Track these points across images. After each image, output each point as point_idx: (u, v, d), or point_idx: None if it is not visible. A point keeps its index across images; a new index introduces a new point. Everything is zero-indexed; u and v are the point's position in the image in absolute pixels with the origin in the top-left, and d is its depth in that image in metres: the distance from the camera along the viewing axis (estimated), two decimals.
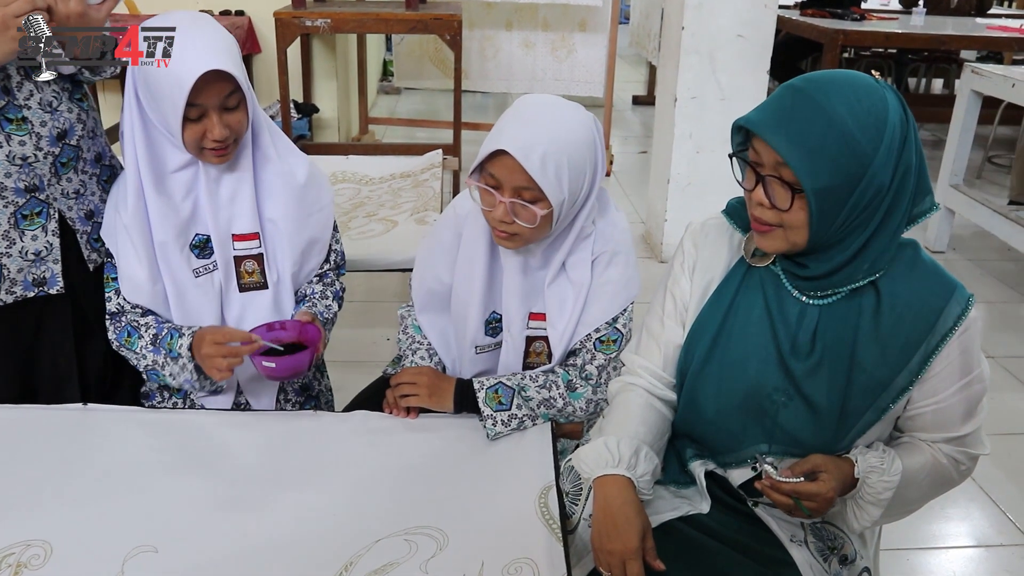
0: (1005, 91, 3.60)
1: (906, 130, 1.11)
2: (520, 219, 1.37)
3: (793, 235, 1.15)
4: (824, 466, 1.20)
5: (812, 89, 1.10)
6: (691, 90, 3.54)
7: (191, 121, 1.43)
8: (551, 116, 1.36)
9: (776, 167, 1.11)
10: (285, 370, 1.47)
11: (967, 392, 1.22)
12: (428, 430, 1.49)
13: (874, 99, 1.09)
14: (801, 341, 1.22)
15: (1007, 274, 3.94)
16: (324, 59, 4.81)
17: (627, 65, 8.85)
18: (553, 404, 1.49)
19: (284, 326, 1.56)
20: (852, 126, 1.07)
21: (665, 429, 1.35)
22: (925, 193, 1.16)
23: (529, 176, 1.32)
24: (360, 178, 3.15)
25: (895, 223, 1.14)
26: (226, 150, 1.49)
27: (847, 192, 1.09)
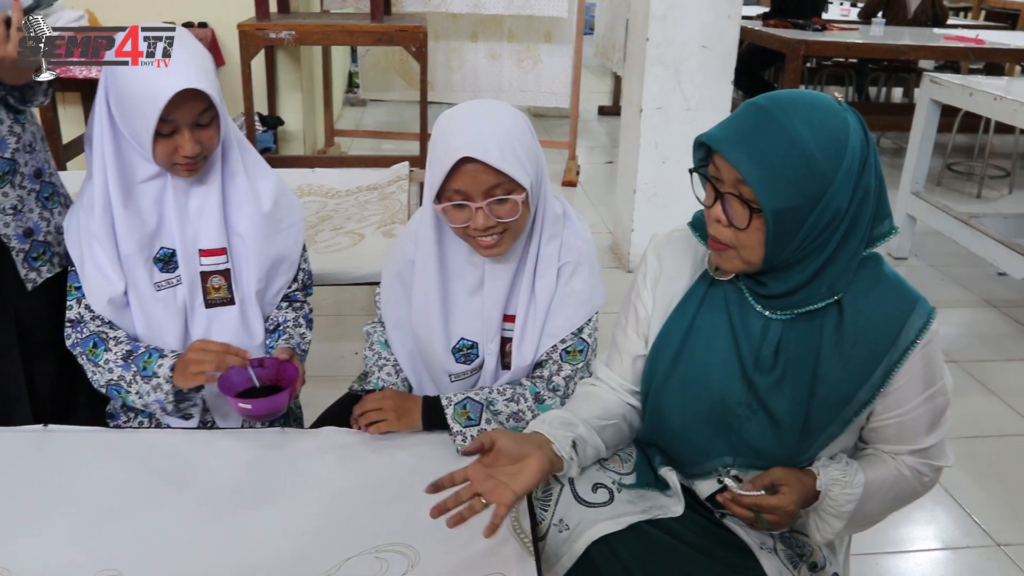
0: (963, 100, 3.66)
1: (866, 153, 1.12)
2: (502, 216, 1.36)
3: (748, 254, 1.15)
4: (785, 479, 1.22)
5: (775, 108, 1.10)
6: (656, 101, 3.57)
7: (162, 136, 1.42)
8: (483, 113, 1.38)
9: (736, 185, 1.12)
10: (262, 411, 1.45)
11: (930, 404, 1.23)
12: (397, 446, 1.47)
13: (836, 122, 1.10)
14: (764, 355, 1.23)
15: (968, 279, 4.00)
16: (289, 71, 4.78)
17: (592, 76, 8.90)
18: (522, 417, 1.49)
19: (263, 363, 1.53)
20: (813, 148, 1.07)
21: (611, 415, 1.36)
22: (884, 216, 1.17)
23: (495, 171, 1.32)
24: (326, 191, 3.12)
25: (853, 246, 1.14)
26: (196, 165, 1.47)
27: (805, 213, 1.09)
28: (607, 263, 3.95)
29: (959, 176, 5.81)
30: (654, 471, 1.36)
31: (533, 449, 1.19)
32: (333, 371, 2.73)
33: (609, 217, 4.50)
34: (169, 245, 1.54)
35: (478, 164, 1.32)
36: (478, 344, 1.54)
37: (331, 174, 3.27)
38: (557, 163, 5.46)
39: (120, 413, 1.65)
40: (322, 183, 3.18)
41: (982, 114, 3.88)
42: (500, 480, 1.15)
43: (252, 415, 1.46)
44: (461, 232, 1.41)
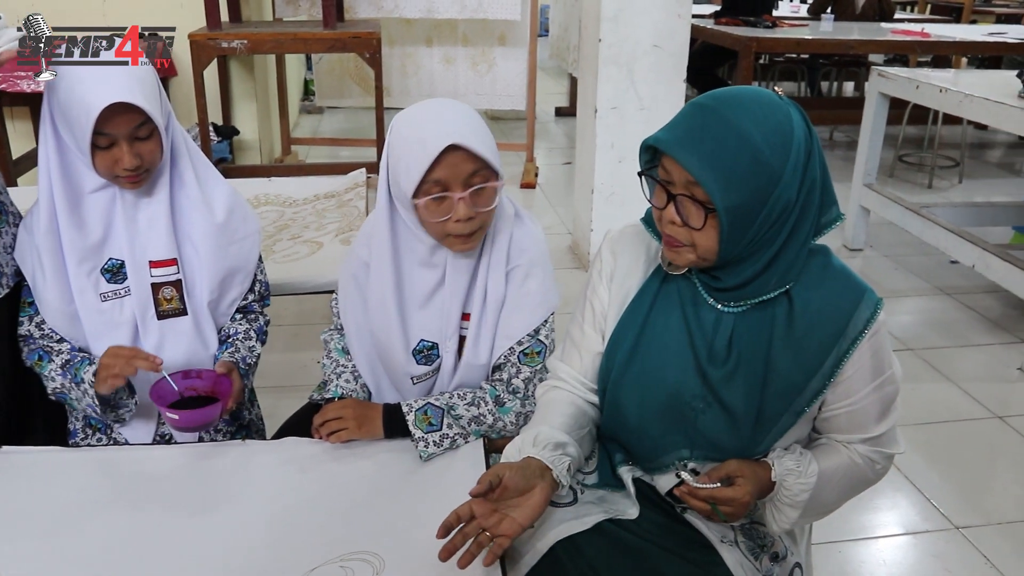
0: (910, 92, 3.73)
1: (810, 145, 1.14)
2: (481, 206, 1.38)
3: (703, 251, 1.17)
4: (740, 471, 1.23)
5: (721, 107, 1.11)
6: (611, 101, 3.59)
7: (101, 149, 1.41)
8: (447, 107, 1.40)
9: (688, 186, 1.13)
10: (190, 423, 1.44)
11: (880, 393, 1.25)
12: (359, 454, 1.47)
13: (780, 117, 1.12)
14: (717, 348, 1.24)
15: (922, 268, 4.08)
16: (243, 80, 4.74)
17: (548, 77, 8.93)
18: (483, 420, 1.50)
19: (200, 375, 1.52)
20: (761, 144, 1.09)
21: (585, 422, 1.37)
22: (831, 204, 1.20)
23: (475, 158, 1.34)
24: (283, 200, 3.11)
25: (803, 236, 1.17)
26: (138, 178, 1.46)
27: (757, 208, 1.11)
28: (567, 263, 3.97)
29: (911, 167, 5.92)
30: (613, 469, 1.37)
31: (537, 480, 1.19)
32: (295, 381, 2.71)
33: (568, 217, 4.52)
34: (118, 256, 1.53)
35: (459, 153, 1.33)
36: (438, 344, 1.54)
37: (288, 183, 3.25)
38: (515, 165, 5.47)
39: (77, 431, 1.63)
40: (279, 192, 3.16)
41: (929, 106, 3.96)
42: (505, 513, 1.16)
43: (180, 426, 1.45)
44: (439, 229, 1.40)
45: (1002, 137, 6.97)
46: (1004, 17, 8.75)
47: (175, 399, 1.48)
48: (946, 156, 5.99)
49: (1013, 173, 5.98)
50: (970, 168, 5.85)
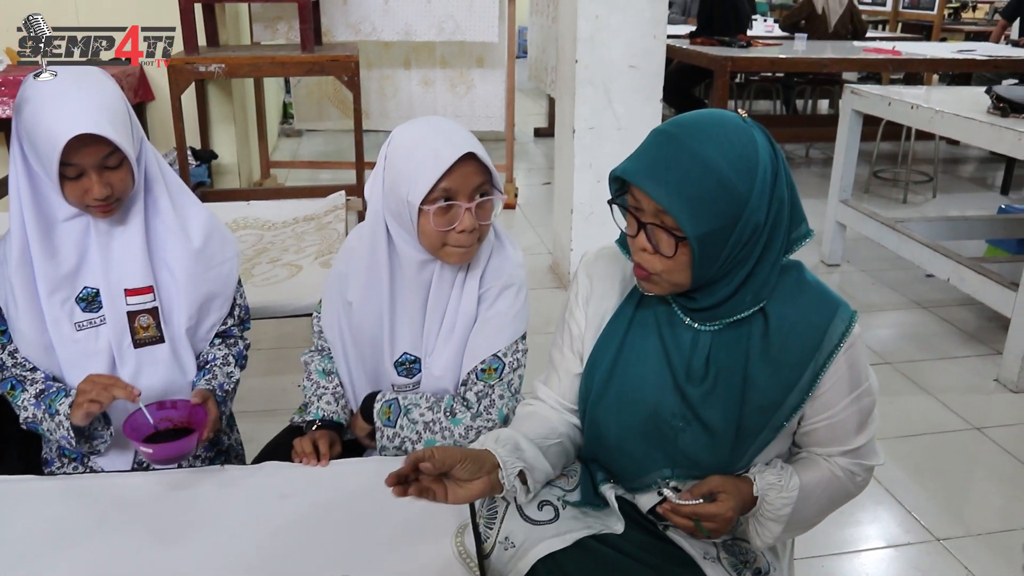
0: (882, 109, 3.79)
1: (776, 166, 1.14)
2: (483, 217, 1.41)
3: (675, 277, 1.18)
4: (722, 487, 1.24)
5: (685, 136, 1.12)
6: (588, 121, 3.62)
7: (70, 179, 1.40)
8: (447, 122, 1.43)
9: (657, 214, 1.14)
10: (165, 456, 1.42)
11: (858, 405, 1.26)
12: (340, 477, 1.46)
13: (744, 140, 1.12)
14: (695, 367, 1.25)
15: (899, 282, 4.12)
16: (220, 104, 4.74)
17: (527, 99, 8.97)
18: (434, 428, 1.51)
19: (175, 405, 1.50)
20: (727, 170, 1.10)
21: (555, 434, 1.37)
22: (799, 221, 1.21)
23: (484, 169, 1.39)
24: (262, 223, 3.10)
25: (774, 254, 1.18)
26: (109, 207, 1.45)
27: (727, 234, 1.12)
28: (547, 283, 3.99)
29: (885, 182, 5.99)
30: (595, 488, 1.37)
31: (485, 474, 1.23)
32: (276, 405, 2.69)
33: (548, 237, 4.54)
34: (92, 284, 1.52)
35: (470, 164, 1.36)
36: (420, 360, 1.55)
37: (267, 206, 3.24)
38: None
39: (54, 459, 1.61)
40: (258, 216, 3.15)
41: (901, 122, 4.02)
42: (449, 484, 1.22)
43: (155, 459, 1.42)
44: (438, 239, 1.41)
45: (974, 152, 7.08)
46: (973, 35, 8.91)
47: (149, 431, 1.46)
48: (920, 171, 6.08)
49: (985, 187, 6.07)
50: (943, 183, 5.93)
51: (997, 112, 3.30)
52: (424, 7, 4.87)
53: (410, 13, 4.87)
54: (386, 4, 4.85)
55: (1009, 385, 3.08)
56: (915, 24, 9.56)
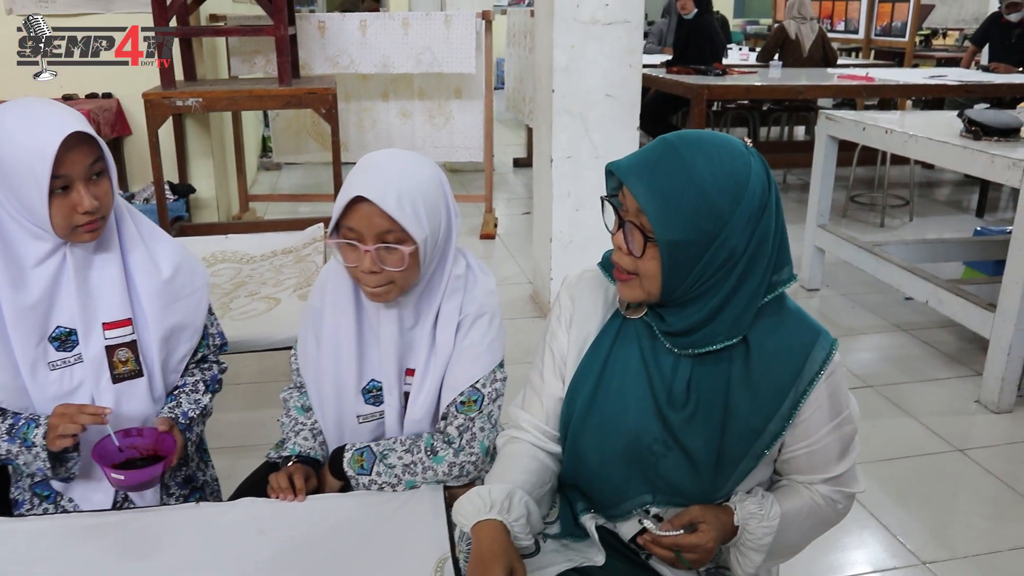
0: (857, 134, 3.83)
1: (767, 199, 1.14)
2: (388, 264, 1.38)
3: (648, 284, 1.17)
4: (703, 517, 1.23)
5: (681, 145, 1.13)
6: (566, 150, 3.63)
7: (57, 196, 1.38)
8: (396, 162, 1.41)
9: (637, 214, 1.14)
10: (134, 482, 1.41)
11: (839, 433, 1.26)
12: (316, 512, 1.44)
13: (737, 164, 1.12)
14: (676, 392, 1.24)
15: (878, 305, 4.14)
16: (198, 138, 4.73)
17: (506, 129, 9.04)
18: (415, 470, 1.49)
19: (141, 433, 1.48)
20: (711, 185, 1.10)
21: (547, 479, 1.35)
22: (784, 264, 1.20)
23: (389, 217, 1.34)
24: (240, 257, 3.07)
25: (751, 288, 1.16)
26: (97, 224, 1.43)
27: (699, 250, 1.12)
28: (528, 312, 3.98)
29: (862, 207, 6.05)
30: (575, 518, 1.35)
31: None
32: (254, 440, 2.66)
33: (528, 267, 4.54)
34: (66, 323, 1.49)
35: (373, 206, 1.34)
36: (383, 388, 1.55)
37: (245, 239, 3.22)
38: (475, 216, 5.50)
39: (25, 500, 1.57)
40: (236, 249, 3.13)
41: (876, 147, 4.06)
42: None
43: (124, 486, 1.42)
44: (352, 272, 1.43)
45: (948, 176, 7.17)
46: (944, 61, 9.05)
47: (117, 459, 1.44)
48: (896, 195, 6.14)
49: (961, 210, 6.13)
50: (919, 206, 5.99)
51: (970, 135, 3.34)
52: (401, 39, 4.90)
53: (387, 45, 4.90)
54: (363, 37, 4.87)
55: (990, 406, 3.09)
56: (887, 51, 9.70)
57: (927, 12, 10.18)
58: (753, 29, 13.52)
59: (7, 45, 3.08)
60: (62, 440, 1.40)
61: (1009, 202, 6.26)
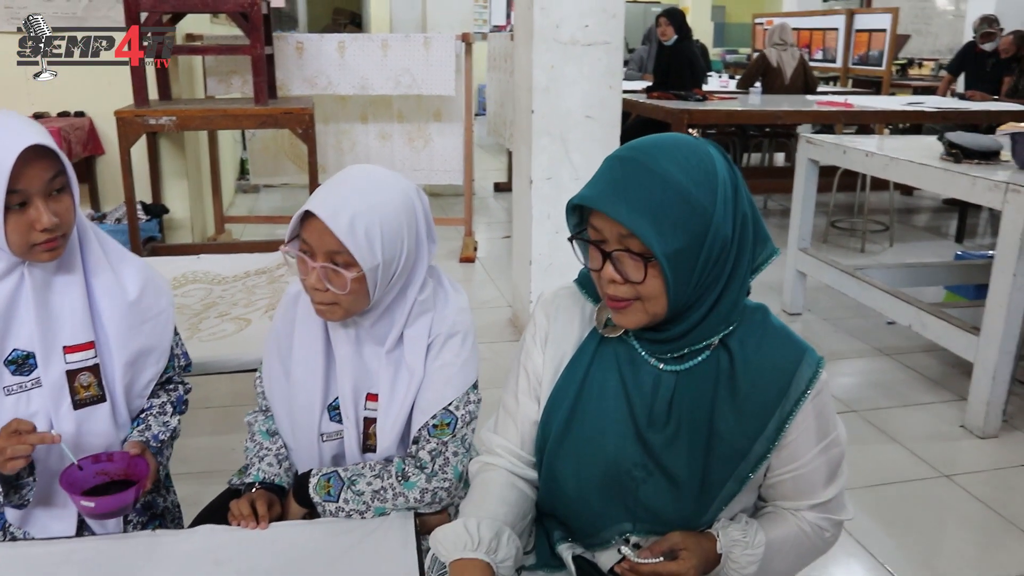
0: (837, 158, 3.81)
1: (735, 180, 1.11)
2: (333, 285, 1.33)
3: (652, 306, 1.11)
4: (684, 544, 1.16)
5: (640, 155, 1.08)
6: (546, 171, 3.59)
7: (13, 212, 1.30)
8: (364, 181, 1.36)
9: (621, 240, 1.08)
10: (106, 509, 1.33)
11: (826, 456, 1.20)
12: (279, 539, 1.36)
13: (700, 155, 1.09)
14: (657, 411, 1.18)
15: (860, 330, 4.11)
16: (173, 159, 4.66)
17: (487, 155, 9.03)
18: (384, 497, 1.42)
19: (112, 458, 1.41)
20: (687, 184, 1.05)
21: (528, 509, 1.28)
22: (764, 240, 1.15)
23: (339, 239, 1.29)
24: (212, 278, 3.00)
25: (742, 273, 1.12)
26: (56, 243, 1.35)
27: (696, 251, 1.07)
28: (507, 336, 3.91)
29: (843, 232, 6.05)
30: (552, 548, 1.28)
31: None
32: (220, 466, 2.56)
33: (508, 290, 4.48)
34: (24, 347, 1.41)
35: (320, 224, 1.30)
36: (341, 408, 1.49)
37: (217, 260, 3.14)
38: (454, 240, 5.44)
39: None
40: (208, 270, 3.05)
41: (856, 170, 4.05)
42: None
43: (95, 513, 1.33)
44: (303, 282, 1.39)
45: (927, 202, 7.21)
46: (920, 89, 9.13)
47: (86, 486, 1.37)
48: (876, 221, 6.15)
49: (940, 235, 6.15)
50: (899, 232, 5.99)
51: (950, 158, 3.33)
52: (380, 61, 4.86)
53: (366, 67, 4.86)
54: (342, 58, 4.83)
55: (975, 431, 3.04)
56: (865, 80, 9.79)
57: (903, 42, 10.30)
58: (732, 58, 13.64)
59: None
60: (13, 463, 1.31)
61: (988, 227, 6.30)
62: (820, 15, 10.84)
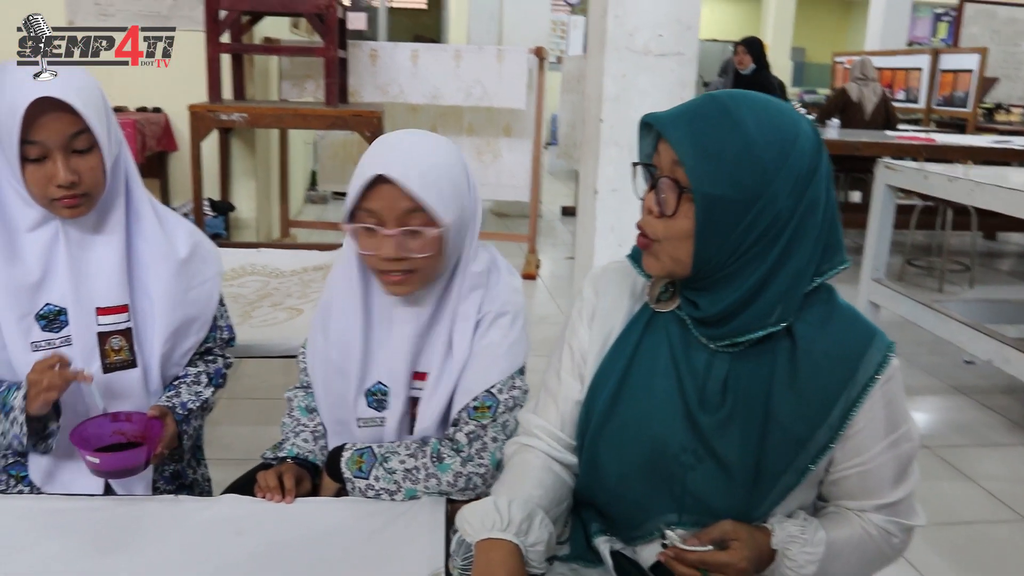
0: (918, 183, 3.64)
1: (817, 162, 1.02)
2: (412, 250, 1.26)
3: (676, 249, 1.04)
4: (735, 533, 1.06)
5: (727, 98, 1.03)
6: (611, 183, 3.50)
7: (32, 162, 1.28)
8: (415, 140, 1.31)
9: (672, 167, 1.02)
10: (111, 467, 1.28)
11: (895, 451, 1.09)
12: (304, 515, 1.30)
13: (786, 120, 1.01)
14: (710, 392, 1.09)
15: (936, 367, 3.92)
16: (243, 158, 4.71)
17: (556, 181, 9.03)
18: (416, 477, 1.34)
19: (130, 418, 1.36)
20: (756, 135, 0.98)
21: (564, 496, 1.19)
22: (836, 247, 1.06)
23: (413, 198, 1.22)
24: (270, 271, 3.00)
25: (796, 266, 1.02)
26: (77, 200, 1.32)
27: (739, 211, 0.99)
28: None
29: (920, 271, 5.82)
30: (588, 540, 1.19)
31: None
32: None
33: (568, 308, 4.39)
34: (57, 302, 1.38)
35: (397, 188, 1.23)
36: (390, 391, 1.41)
37: (276, 254, 3.16)
38: (517, 256, 5.40)
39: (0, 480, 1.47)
40: (266, 263, 3.06)
41: (937, 195, 3.86)
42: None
43: (101, 470, 1.28)
44: (370, 262, 1.30)
45: (1012, 247, 6.91)
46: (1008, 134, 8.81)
47: (101, 443, 1.32)
48: (957, 260, 5.89)
49: None
50: (981, 274, 5.74)
51: None
52: (452, 71, 4.86)
53: (438, 76, 4.86)
54: (414, 66, 4.85)
55: None
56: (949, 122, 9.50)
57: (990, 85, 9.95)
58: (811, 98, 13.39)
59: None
60: (47, 395, 1.28)
61: None
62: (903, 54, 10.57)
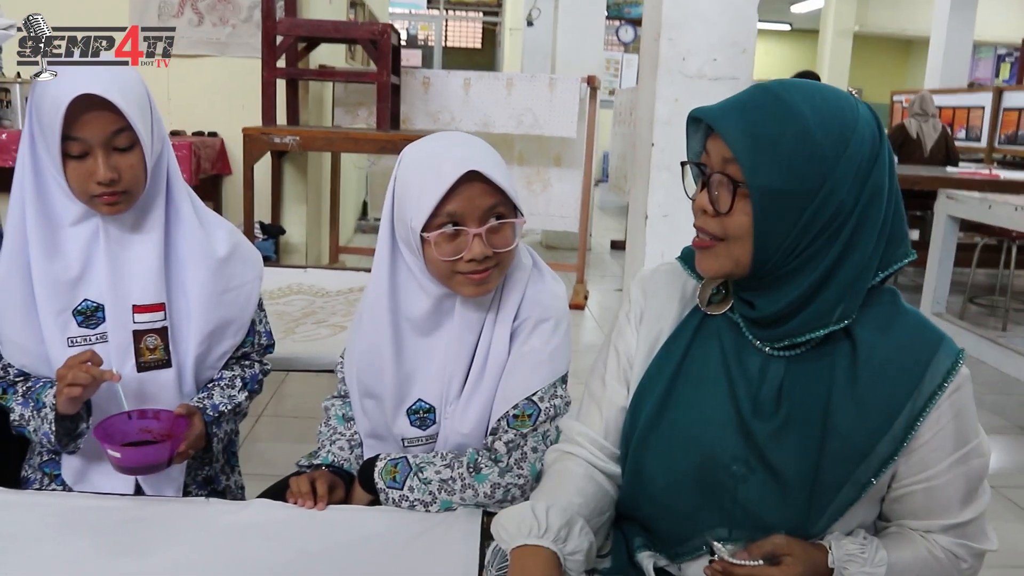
0: (981, 213, 3.53)
1: (878, 149, 0.96)
2: (498, 245, 1.22)
3: (735, 248, 0.98)
4: (788, 549, 0.99)
5: (779, 87, 0.98)
6: (662, 208, 3.45)
7: (73, 159, 1.28)
8: (462, 138, 1.27)
9: (724, 164, 0.97)
10: (133, 462, 1.26)
11: (965, 467, 1.02)
12: (335, 522, 1.26)
13: (843, 106, 0.96)
14: (764, 398, 1.02)
15: (1000, 407, 3.74)
16: (295, 182, 4.76)
17: (606, 216, 9.00)
18: (452, 487, 1.29)
19: (158, 416, 1.35)
20: (813, 124, 0.93)
21: (606, 506, 1.13)
22: (901, 238, 1.00)
23: (492, 192, 1.21)
24: (316, 291, 3.00)
25: (860, 260, 0.97)
26: (116, 198, 1.32)
27: (799, 202, 0.93)
28: None
29: (982, 310, 5.61)
30: (631, 555, 1.12)
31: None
32: None
33: None
34: (95, 298, 1.38)
35: (476, 185, 1.20)
36: (435, 408, 1.35)
37: (323, 275, 3.17)
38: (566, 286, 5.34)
39: (35, 478, 1.47)
40: (312, 283, 3.06)
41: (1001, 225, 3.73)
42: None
43: (123, 465, 1.26)
44: (447, 268, 1.24)
45: None
46: None
47: (126, 439, 1.30)
48: (1022, 299, 5.68)
49: None
50: None
51: None
52: (504, 99, 4.87)
53: (489, 104, 4.88)
54: (466, 94, 4.87)
55: None
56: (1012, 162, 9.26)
57: None
58: None
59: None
60: (72, 389, 1.26)
61: None
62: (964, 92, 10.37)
